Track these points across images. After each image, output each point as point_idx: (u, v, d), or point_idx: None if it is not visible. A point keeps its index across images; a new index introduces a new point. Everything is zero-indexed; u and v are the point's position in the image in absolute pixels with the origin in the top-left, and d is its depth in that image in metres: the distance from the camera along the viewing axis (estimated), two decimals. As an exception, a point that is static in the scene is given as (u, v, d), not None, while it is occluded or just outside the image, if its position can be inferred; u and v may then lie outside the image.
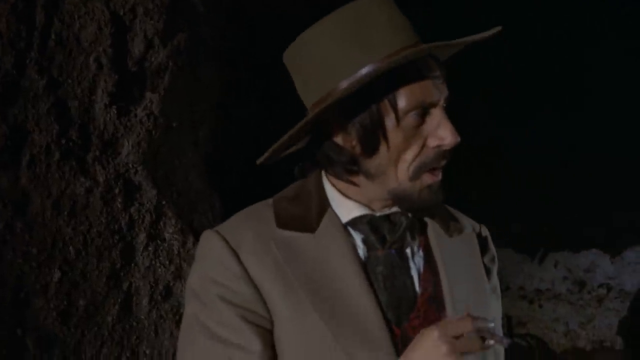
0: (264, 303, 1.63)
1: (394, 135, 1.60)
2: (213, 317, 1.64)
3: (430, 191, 1.65)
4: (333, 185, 1.75)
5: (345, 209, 1.72)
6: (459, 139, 1.60)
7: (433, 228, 1.81)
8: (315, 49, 1.63)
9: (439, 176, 1.66)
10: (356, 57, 1.58)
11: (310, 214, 1.72)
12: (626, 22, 6.51)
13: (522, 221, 7.30)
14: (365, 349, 1.60)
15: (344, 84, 1.57)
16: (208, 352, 1.63)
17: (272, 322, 1.64)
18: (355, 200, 1.72)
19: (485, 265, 1.89)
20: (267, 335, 1.63)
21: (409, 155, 1.62)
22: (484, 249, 1.92)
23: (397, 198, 1.67)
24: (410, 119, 1.59)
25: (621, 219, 6.68)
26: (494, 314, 1.89)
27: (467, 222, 1.92)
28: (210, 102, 3.77)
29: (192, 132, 3.62)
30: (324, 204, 1.73)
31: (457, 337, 1.48)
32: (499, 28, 1.65)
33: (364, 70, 1.56)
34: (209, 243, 1.70)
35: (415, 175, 1.63)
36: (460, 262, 1.81)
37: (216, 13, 3.68)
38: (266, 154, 1.70)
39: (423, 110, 1.59)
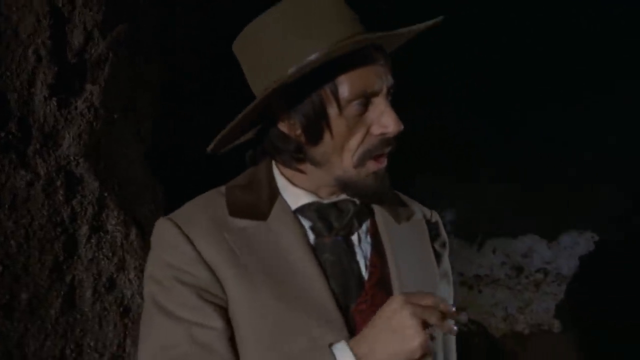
0: (221, 285, 1.67)
1: (337, 124, 1.65)
2: (172, 299, 1.67)
3: (376, 178, 1.71)
4: (282, 173, 1.80)
5: (294, 196, 1.77)
6: (402, 127, 1.66)
7: (382, 214, 1.86)
8: (263, 37, 1.66)
9: (383, 163, 1.71)
10: (302, 45, 1.62)
11: (261, 202, 1.76)
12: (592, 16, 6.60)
13: (458, 206, 7.41)
14: (326, 328, 1.64)
15: (289, 72, 1.61)
16: (168, 332, 1.66)
17: (227, 304, 1.68)
18: (303, 188, 1.77)
19: (435, 251, 1.95)
20: (226, 315, 1.67)
21: (353, 143, 1.67)
22: (434, 235, 1.98)
23: (343, 185, 1.73)
24: (352, 108, 1.64)
25: (557, 203, 6.81)
26: (442, 297, 1.95)
27: (417, 209, 1.98)
28: (152, 92, 3.76)
29: (134, 123, 3.61)
30: (274, 192, 1.78)
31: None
32: (440, 18, 1.70)
33: (307, 59, 1.59)
34: (163, 231, 1.74)
35: (360, 163, 1.68)
36: (409, 248, 1.86)
37: (155, 3, 3.68)
38: (215, 141, 1.74)
39: (365, 99, 1.65)
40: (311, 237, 1.75)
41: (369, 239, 1.82)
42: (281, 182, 1.79)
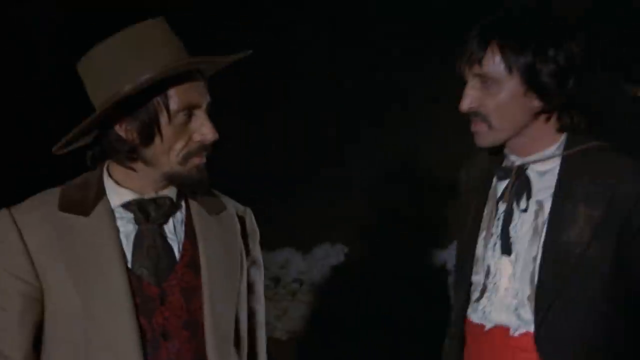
0: (37, 275, 2.01)
1: (166, 130, 2.03)
2: None
3: (198, 170, 2.10)
4: (111, 176, 2.14)
5: (119, 195, 2.12)
6: (217, 136, 2.07)
7: (196, 207, 2.23)
8: (105, 59, 2.01)
9: (203, 159, 2.11)
10: (138, 66, 1.98)
11: (87, 200, 2.09)
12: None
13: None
14: (109, 312, 2.01)
15: (127, 87, 1.96)
16: None
17: (42, 292, 2.03)
18: (129, 188, 2.12)
19: (245, 240, 2.35)
20: (32, 303, 2.03)
21: (178, 145, 2.05)
22: (244, 227, 2.36)
23: (170, 178, 2.10)
24: (179, 118, 2.03)
25: (309, 217, 7.16)
26: (252, 279, 2.39)
27: (230, 204, 2.36)
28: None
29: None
30: (101, 192, 2.12)
31: None
32: (249, 51, 2.15)
33: (143, 77, 1.96)
34: (1, 221, 2.05)
35: (184, 161, 2.07)
36: (218, 236, 2.23)
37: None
38: (59, 144, 2.05)
39: (189, 112, 2.04)
40: (134, 227, 2.10)
41: (183, 227, 2.19)
42: (109, 183, 2.14)
